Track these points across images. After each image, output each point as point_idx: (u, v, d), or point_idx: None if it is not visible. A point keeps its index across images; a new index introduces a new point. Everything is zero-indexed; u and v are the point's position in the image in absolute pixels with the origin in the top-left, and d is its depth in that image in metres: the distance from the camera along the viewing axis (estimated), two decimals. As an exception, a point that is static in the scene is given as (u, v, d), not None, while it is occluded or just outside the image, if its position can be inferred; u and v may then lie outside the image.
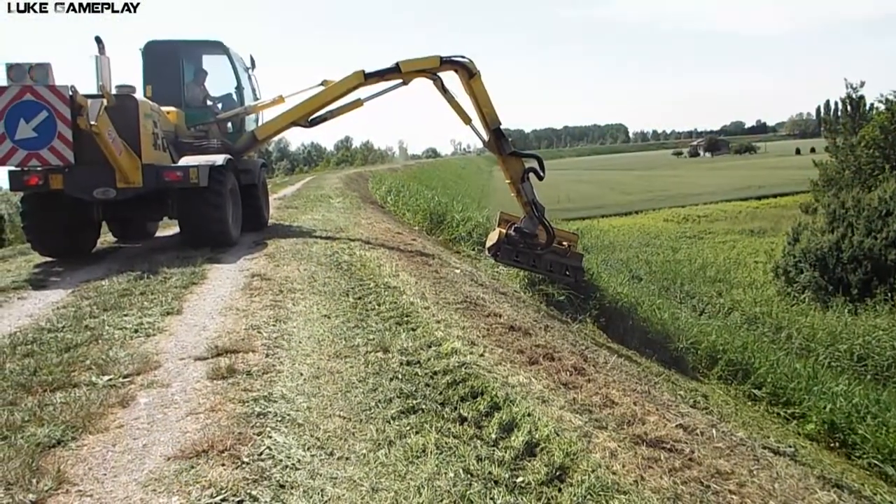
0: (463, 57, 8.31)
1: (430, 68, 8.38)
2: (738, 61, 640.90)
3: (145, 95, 8.43)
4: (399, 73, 8.43)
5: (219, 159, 7.62)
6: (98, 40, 6.70)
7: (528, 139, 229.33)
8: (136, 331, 4.34)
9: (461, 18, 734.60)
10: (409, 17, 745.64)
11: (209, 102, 9.44)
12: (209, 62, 9.61)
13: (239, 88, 9.51)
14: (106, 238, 9.15)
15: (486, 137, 8.62)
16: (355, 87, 8.58)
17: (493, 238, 8.75)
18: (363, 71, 8.43)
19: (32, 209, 7.20)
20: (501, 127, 8.53)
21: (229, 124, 9.42)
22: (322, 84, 8.82)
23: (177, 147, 8.12)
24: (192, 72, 9.37)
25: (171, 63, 8.87)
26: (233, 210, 7.96)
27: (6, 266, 7.36)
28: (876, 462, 6.04)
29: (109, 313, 4.76)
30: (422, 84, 8.69)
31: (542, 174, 8.48)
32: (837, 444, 6.57)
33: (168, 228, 10.35)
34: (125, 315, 4.72)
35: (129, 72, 9.26)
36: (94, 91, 6.90)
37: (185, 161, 7.50)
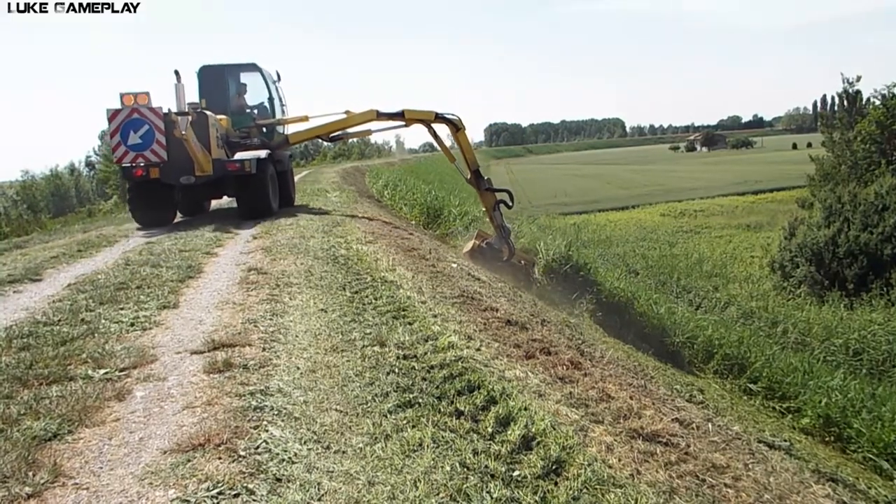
0: (453, 115, 10.84)
1: (427, 120, 10.80)
2: (735, 56, 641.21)
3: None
4: (403, 118, 10.79)
5: (262, 153, 10.21)
6: (176, 73, 9.06)
7: (526, 133, 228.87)
8: (132, 324, 4.33)
9: (459, 14, 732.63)
10: (414, 13, 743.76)
11: (248, 110, 11.83)
12: (246, 78, 11.98)
13: (270, 98, 11.98)
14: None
15: (467, 176, 11.15)
16: (368, 121, 10.89)
17: (468, 246, 11.06)
18: (377, 110, 10.72)
19: (136, 193, 9.85)
20: (480, 168, 11.19)
21: (264, 128, 11.89)
22: (345, 113, 11.07)
23: (229, 146, 10.50)
24: (235, 87, 11.71)
25: (219, 81, 11.26)
26: (272, 190, 10.52)
27: (1, 259, 7.34)
28: (871, 456, 6.07)
29: (105, 307, 4.75)
30: (417, 79, 9.25)
31: (510, 204, 11.03)
32: (833, 438, 6.60)
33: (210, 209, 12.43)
34: (121, 309, 4.71)
35: (128, 70, 10.15)
36: (158, 104, 9.21)
37: (240, 155, 10.06)
